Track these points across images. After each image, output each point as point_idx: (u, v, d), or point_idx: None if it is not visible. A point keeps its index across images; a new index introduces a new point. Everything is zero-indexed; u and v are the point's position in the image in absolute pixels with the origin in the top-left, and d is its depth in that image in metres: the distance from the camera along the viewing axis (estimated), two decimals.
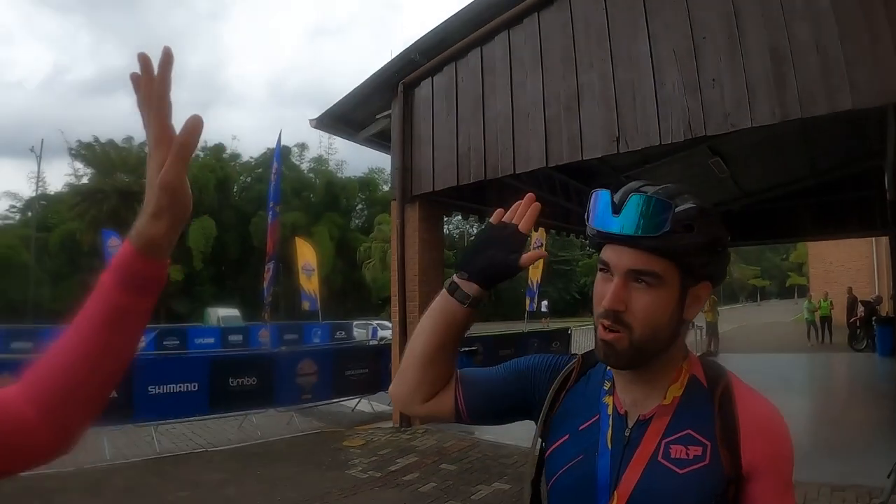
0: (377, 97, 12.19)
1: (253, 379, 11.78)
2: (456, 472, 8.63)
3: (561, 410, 1.75)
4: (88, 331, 1.05)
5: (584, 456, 1.62)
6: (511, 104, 9.69)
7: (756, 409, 1.59)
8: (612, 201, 1.55)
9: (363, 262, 58.23)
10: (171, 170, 1.04)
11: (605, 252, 1.59)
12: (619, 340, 1.53)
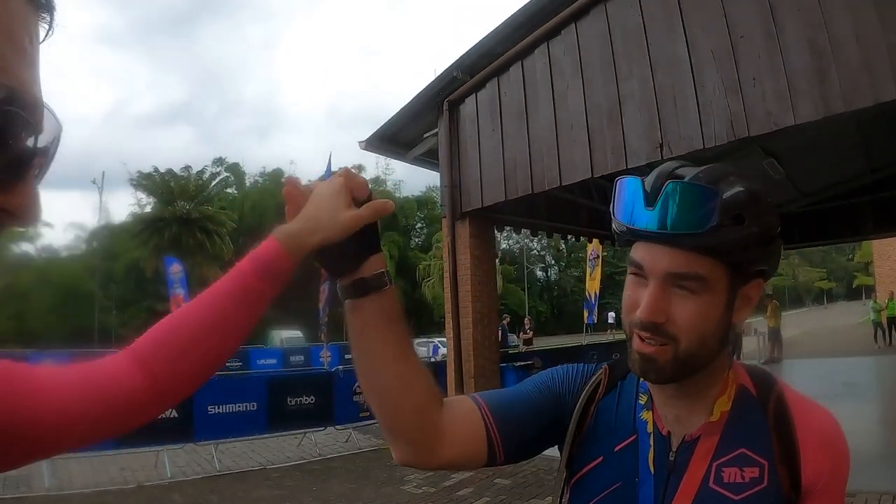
0: (423, 116, 12.30)
1: (311, 398, 11.94)
2: (510, 486, 8.62)
3: (591, 428, 1.51)
4: (211, 301, 1.13)
5: (623, 483, 1.40)
6: (554, 116, 9.70)
7: (815, 422, 1.38)
8: (644, 190, 1.28)
9: (423, 281, 58.36)
10: (367, 212, 1.20)
11: (637, 251, 1.34)
12: (661, 353, 1.30)
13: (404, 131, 12.92)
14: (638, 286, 1.33)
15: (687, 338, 1.28)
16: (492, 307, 12.48)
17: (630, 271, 1.36)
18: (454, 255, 11.91)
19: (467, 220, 11.72)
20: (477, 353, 11.60)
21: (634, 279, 1.34)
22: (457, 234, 11.87)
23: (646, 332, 1.29)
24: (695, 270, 1.26)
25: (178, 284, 23.33)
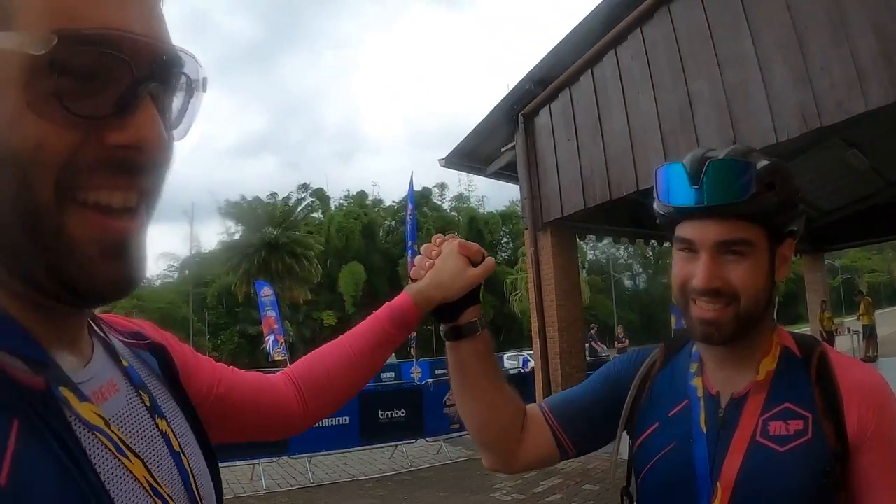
0: (500, 130, 12.41)
1: (402, 411, 12.13)
2: (599, 492, 8.63)
3: (646, 400, 1.65)
4: (352, 342, 1.44)
5: (677, 443, 1.52)
6: (627, 121, 9.73)
7: (857, 377, 1.46)
8: (686, 172, 1.45)
9: (511, 295, 58.25)
10: (481, 272, 1.51)
11: (684, 229, 1.49)
12: (723, 315, 1.43)
13: (482, 146, 13.05)
14: (688, 261, 1.48)
15: (745, 295, 1.43)
16: (577, 316, 12.49)
17: (678, 248, 1.52)
18: (538, 265, 11.98)
19: (549, 230, 11.79)
20: (563, 361, 11.63)
21: (683, 256, 1.50)
22: (539, 245, 11.94)
23: (706, 298, 1.44)
24: (742, 236, 1.42)
25: (270, 307, 23.73)
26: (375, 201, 71.20)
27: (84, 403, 0.74)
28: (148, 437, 0.84)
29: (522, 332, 56.10)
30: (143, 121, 0.70)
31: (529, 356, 31.44)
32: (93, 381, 0.80)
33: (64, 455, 0.68)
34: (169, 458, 0.85)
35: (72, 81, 0.67)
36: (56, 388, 0.72)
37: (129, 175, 0.72)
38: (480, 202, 73.47)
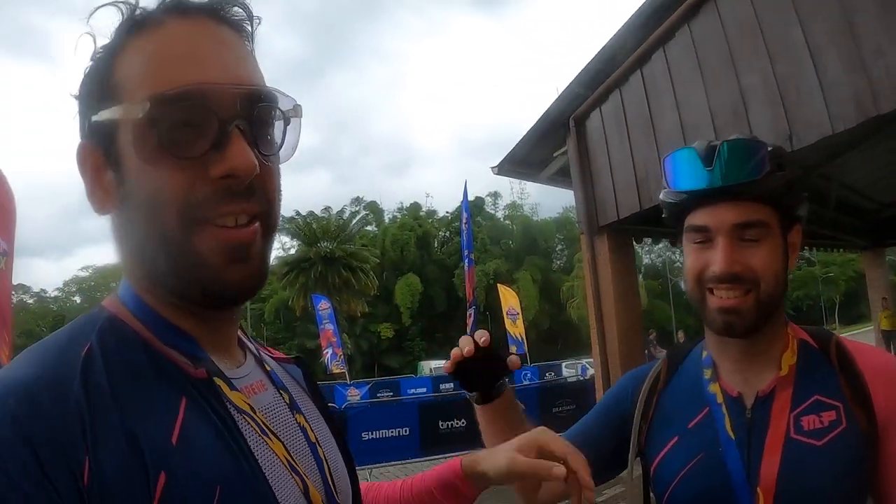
0: (551, 136, 12.31)
1: (462, 421, 12.07)
2: None
3: (658, 416, 1.62)
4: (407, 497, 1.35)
5: (705, 454, 1.47)
6: (679, 120, 9.55)
7: (877, 359, 1.47)
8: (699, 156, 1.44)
9: (567, 302, 57.99)
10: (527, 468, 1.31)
11: (697, 217, 1.47)
12: (744, 302, 1.41)
13: (534, 152, 12.96)
14: (702, 251, 1.47)
15: (765, 279, 1.40)
16: (636, 320, 12.31)
17: (690, 240, 1.51)
18: (595, 270, 11.83)
19: (605, 234, 11.63)
20: (624, 367, 11.43)
21: (697, 247, 1.49)
22: (596, 250, 11.79)
23: (725, 284, 1.41)
24: (758, 217, 1.41)
25: (328, 320, 23.99)
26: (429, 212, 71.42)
27: (234, 392, 0.94)
28: (288, 427, 1.02)
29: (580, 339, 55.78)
30: (235, 153, 0.86)
31: (588, 364, 31.26)
32: (244, 379, 1.00)
33: (221, 426, 0.87)
34: (306, 447, 1.03)
35: (173, 132, 0.85)
36: (212, 379, 0.91)
37: (236, 199, 0.88)
38: (534, 210, 73.27)
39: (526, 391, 14.83)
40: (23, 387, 0.76)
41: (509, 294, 28.10)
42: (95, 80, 0.92)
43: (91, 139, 0.92)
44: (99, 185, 0.92)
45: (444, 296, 59.96)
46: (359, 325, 55.25)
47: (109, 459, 0.74)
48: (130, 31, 0.91)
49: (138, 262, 0.94)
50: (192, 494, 0.78)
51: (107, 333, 0.88)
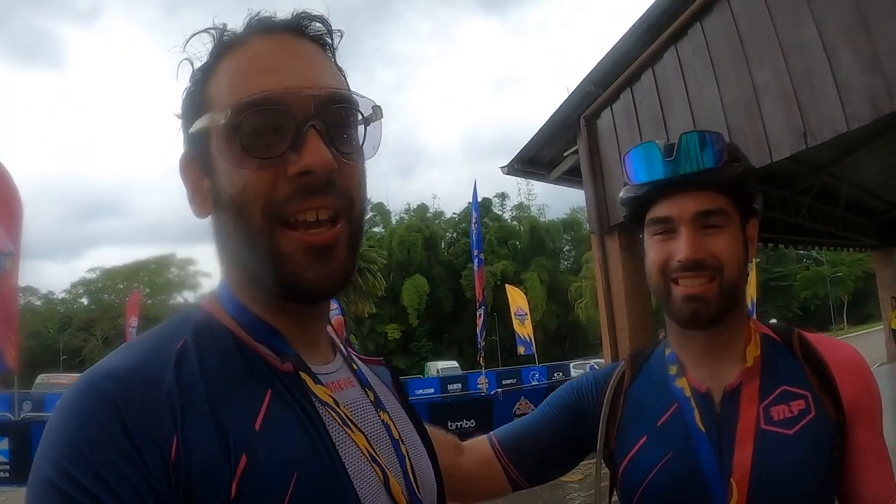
0: (561, 135, 12.28)
1: (471, 421, 12.05)
2: None
3: (625, 416, 1.60)
4: None
5: (675, 451, 1.46)
6: (691, 118, 9.48)
7: (840, 351, 1.51)
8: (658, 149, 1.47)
9: (575, 303, 57.93)
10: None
11: (658, 209, 1.49)
12: (708, 290, 1.42)
13: (544, 152, 12.94)
14: (665, 242, 1.48)
15: (728, 267, 1.43)
16: (646, 320, 12.27)
17: (653, 232, 1.52)
18: (606, 269, 11.79)
19: (616, 233, 11.59)
20: None
21: (659, 238, 1.50)
22: (607, 249, 11.75)
23: (690, 273, 1.43)
24: (719, 205, 1.44)
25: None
26: (436, 213, 71.60)
27: (318, 386, 1.00)
28: (371, 422, 1.07)
29: (587, 340, 55.74)
30: (311, 151, 0.92)
31: (596, 364, 31.25)
32: (331, 375, 1.07)
33: (304, 417, 0.94)
34: (388, 442, 1.07)
35: (253, 136, 0.93)
36: (298, 373, 0.98)
37: (315, 195, 0.94)
38: (541, 210, 73.29)
39: (537, 391, 14.79)
40: (119, 374, 0.86)
41: (517, 294, 28.09)
42: (192, 97, 1.03)
43: (190, 150, 1.03)
44: (198, 192, 1.03)
45: (451, 297, 60.00)
46: (366, 326, 55.27)
47: (196, 440, 0.82)
48: (220, 52, 1.01)
49: (232, 260, 1.03)
50: (270, 477, 0.85)
51: (201, 329, 0.97)
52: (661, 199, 1.48)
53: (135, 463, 0.78)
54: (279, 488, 0.85)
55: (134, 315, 27.01)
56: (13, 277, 9.57)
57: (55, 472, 0.78)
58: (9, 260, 9.34)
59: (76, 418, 0.82)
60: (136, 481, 0.78)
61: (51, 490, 0.78)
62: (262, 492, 0.84)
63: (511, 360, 40.63)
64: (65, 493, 0.77)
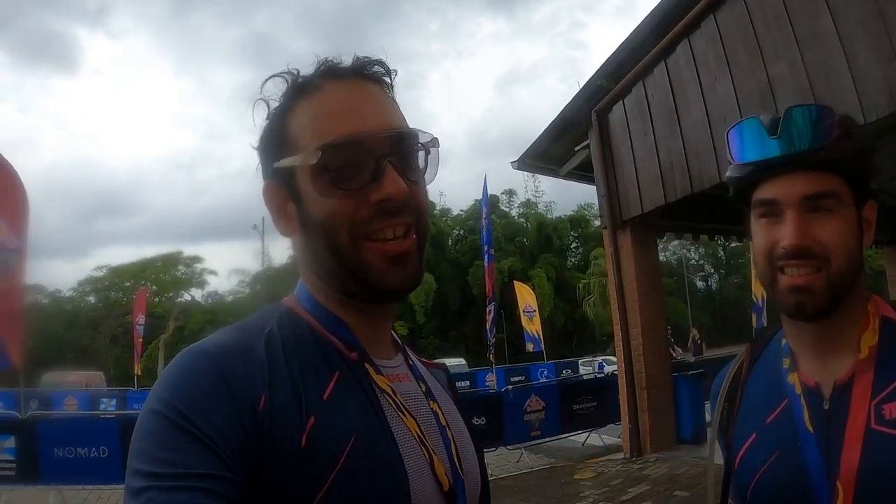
0: (572, 130, 12.24)
1: (481, 419, 11.94)
2: (689, 498, 8.33)
3: (741, 411, 1.52)
4: None
5: (781, 451, 1.37)
6: (705, 111, 9.40)
7: None
8: (763, 126, 1.35)
9: (583, 300, 57.76)
10: None
11: (764, 190, 1.37)
12: (815, 280, 1.31)
13: (555, 147, 12.89)
14: (771, 226, 1.36)
15: (836, 256, 1.30)
16: (659, 315, 12.23)
17: (759, 215, 1.39)
18: (618, 264, 11.74)
19: (628, 228, 11.55)
20: (648, 362, 11.37)
21: (765, 221, 1.38)
22: (619, 244, 11.71)
23: (795, 261, 1.32)
24: (829, 188, 1.31)
25: None
26: (443, 211, 71.36)
27: (379, 376, 1.16)
28: (422, 410, 1.21)
29: (594, 337, 55.58)
30: (389, 182, 1.09)
31: (605, 361, 31.20)
32: (391, 369, 1.22)
33: (364, 398, 1.10)
34: (436, 428, 1.21)
35: (339, 171, 1.09)
36: (362, 362, 1.15)
37: (392, 217, 1.11)
38: (548, 207, 72.90)
39: (547, 388, 14.69)
40: (222, 344, 1.05)
41: (526, 291, 28.05)
42: (273, 134, 1.18)
43: (274, 180, 1.19)
44: (283, 215, 1.19)
45: (459, 294, 59.81)
46: None
47: (278, 399, 1.01)
48: (297, 95, 1.16)
49: (315, 269, 1.20)
50: (331, 436, 1.02)
51: (284, 320, 1.16)
52: (767, 179, 1.36)
53: (230, 402, 0.96)
54: (337, 446, 1.01)
55: (141, 313, 27.07)
56: (19, 274, 9.56)
57: (161, 404, 0.96)
58: (15, 257, 9.34)
59: (183, 371, 1.00)
60: (230, 415, 0.95)
61: (156, 417, 0.95)
62: (323, 447, 1.00)
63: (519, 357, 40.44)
64: (168, 418, 0.94)
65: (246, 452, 0.95)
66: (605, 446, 13.17)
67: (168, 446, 0.92)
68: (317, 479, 0.99)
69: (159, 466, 0.90)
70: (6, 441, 9.62)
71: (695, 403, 12.03)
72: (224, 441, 0.94)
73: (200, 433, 0.93)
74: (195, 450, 0.92)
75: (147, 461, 0.91)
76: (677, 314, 55.93)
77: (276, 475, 0.98)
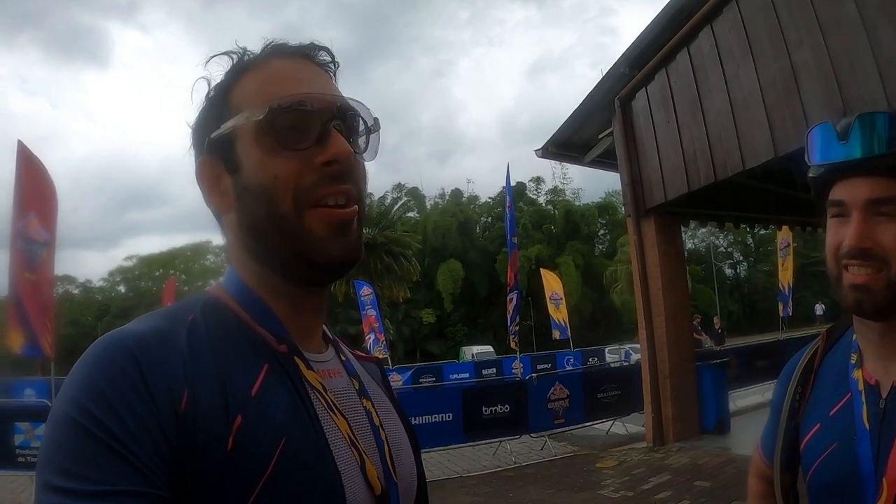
0: (596, 117, 12.18)
1: (506, 406, 11.96)
2: (710, 488, 8.28)
3: (811, 398, 1.58)
4: None
5: (839, 444, 1.43)
6: (728, 98, 9.29)
7: None
8: (835, 130, 1.43)
9: (610, 287, 57.59)
10: None
11: (836, 191, 1.44)
12: (874, 281, 1.36)
13: (578, 135, 12.84)
14: (840, 226, 1.41)
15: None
16: (683, 304, 12.16)
17: (831, 214, 1.45)
18: (642, 253, 11.69)
19: (652, 217, 11.48)
20: (671, 351, 11.32)
21: (836, 221, 1.43)
22: (643, 232, 11.64)
23: (856, 260, 1.37)
24: (891, 194, 1.35)
25: (370, 306, 24.05)
26: (471, 198, 71.40)
27: (309, 371, 1.10)
28: (354, 409, 1.16)
29: (622, 324, 55.36)
30: (334, 143, 1.08)
31: (631, 349, 31.02)
32: (322, 364, 1.17)
33: (295, 394, 1.04)
34: (368, 428, 1.16)
35: (285, 131, 1.07)
36: (292, 356, 1.09)
37: (337, 182, 1.08)
38: (576, 194, 72.79)
39: (571, 376, 14.67)
40: (140, 335, 0.97)
41: (552, 279, 27.98)
42: (213, 108, 1.15)
43: (210, 153, 1.15)
44: (216, 190, 1.15)
45: (486, 281, 59.89)
46: (401, 311, 55.41)
47: (202, 395, 0.94)
48: (241, 70, 1.15)
49: (248, 247, 1.14)
50: (260, 437, 0.95)
51: (208, 308, 1.10)
52: (838, 181, 1.43)
53: (148, 405, 0.89)
54: (268, 448, 0.95)
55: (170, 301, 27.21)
56: (49, 266, 9.85)
57: (74, 408, 0.88)
58: (45, 249, 9.61)
59: (98, 365, 0.92)
60: (149, 421, 0.88)
61: (68, 424, 0.87)
62: (253, 448, 0.94)
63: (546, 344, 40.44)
64: (81, 425, 0.86)
65: (167, 461, 0.89)
66: (628, 435, 13.12)
67: (80, 458, 0.85)
68: (246, 485, 0.93)
69: (71, 481, 0.83)
70: (38, 428, 9.79)
71: (718, 393, 11.97)
72: (143, 451, 0.87)
73: (116, 443, 0.86)
74: (111, 462, 0.85)
75: (58, 474, 0.84)
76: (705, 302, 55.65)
77: (201, 482, 0.92)
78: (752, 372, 14.66)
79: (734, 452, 9.94)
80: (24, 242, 9.33)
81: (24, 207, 9.40)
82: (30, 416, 10.38)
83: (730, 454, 9.91)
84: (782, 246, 18.22)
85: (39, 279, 9.62)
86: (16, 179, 9.43)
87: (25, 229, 9.35)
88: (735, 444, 10.49)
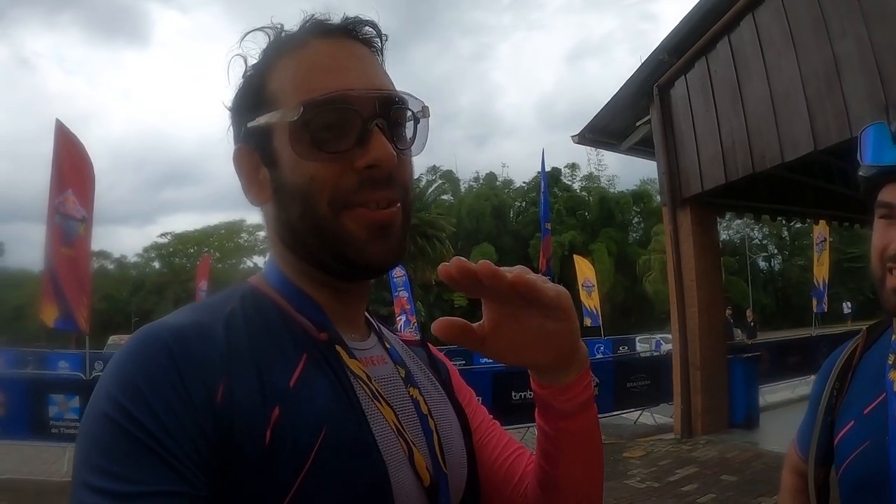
0: (634, 104, 12.06)
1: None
2: (737, 483, 8.24)
3: (848, 395, 1.58)
4: (550, 455, 1.18)
5: (871, 442, 1.43)
6: (769, 89, 9.14)
7: None
8: (890, 131, 1.44)
9: (643, 276, 57.25)
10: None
11: (886, 193, 1.45)
12: None
13: (616, 121, 12.73)
14: (887, 227, 1.42)
15: None
16: (717, 296, 12.05)
17: (880, 215, 1.45)
18: (677, 243, 11.59)
19: (688, 207, 11.37)
20: (703, 343, 11.23)
21: (884, 223, 1.43)
22: (678, 222, 11.54)
23: None
24: None
25: (402, 288, 24.18)
26: (505, 182, 71.27)
27: (352, 360, 1.07)
28: (401, 398, 1.12)
29: (653, 314, 55.01)
30: (376, 146, 1.01)
31: (662, 339, 30.85)
32: (365, 352, 1.14)
33: (336, 383, 1.01)
34: (416, 417, 1.11)
35: (322, 131, 1.01)
36: (333, 344, 1.06)
37: (379, 187, 1.02)
38: (611, 181, 72.34)
39: (601, 364, 14.56)
40: (177, 328, 0.95)
41: (585, 265, 27.92)
42: (250, 93, 1.10)
43: (247, 143, 1.10)
44: (255, 181, 1.11)
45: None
46: (433, 294, 55.44)
47: (239, 387, 0.92)
48: (278, 51, 1.09)
49: (287, 241, 1.10)
50: (299, 429, 0.93)
51: (247, 299, 1.08)
52: (888, 183, 1.43)
53: (185, 401, 0.88)
54: (307, 440, 0.92)
55: (204, 279, 27.50)
56: (86, 242, 10.09)
57: (110, 405, 0.87)
58: (82, 225, 9.82)
59: (135, 360, 0.91)
60: (185, 418, 0.87)
61: (105, 422, 0.86)
62: (291, 441, 0.91)
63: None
64: (118, 423, 0.85)
65: (206, 459, 0.87)
66: (656, 425, 13.07)
67: (118, 458, 0.84)
68: (285, 479, 0.90)
69: (109, 482, 0.82)
70: (72, 401, 9.96)
71: (749, 387, 11.89)
72: (180, 449, 0.85)
73: (152, 441, 0.84)
74: (149, 462, 0.84)
75: (95, 474, 0.83)
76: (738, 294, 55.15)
77: (239, 479, 0.89)
78: (782, 367, 14.56)
79: (762, 448, 9.86)
80: (61, 218, 9.55)
81: (61, 184, 9.62)
82: (64, 388, 10.51)
83: (758, 449, 9.83)
84: (818, 240, 17.97)
85: (76, 254, 9.86)
86: (54, 157, 9.64)
87: (63, 206, 9.56)
88: (763, 439, 10.41)
